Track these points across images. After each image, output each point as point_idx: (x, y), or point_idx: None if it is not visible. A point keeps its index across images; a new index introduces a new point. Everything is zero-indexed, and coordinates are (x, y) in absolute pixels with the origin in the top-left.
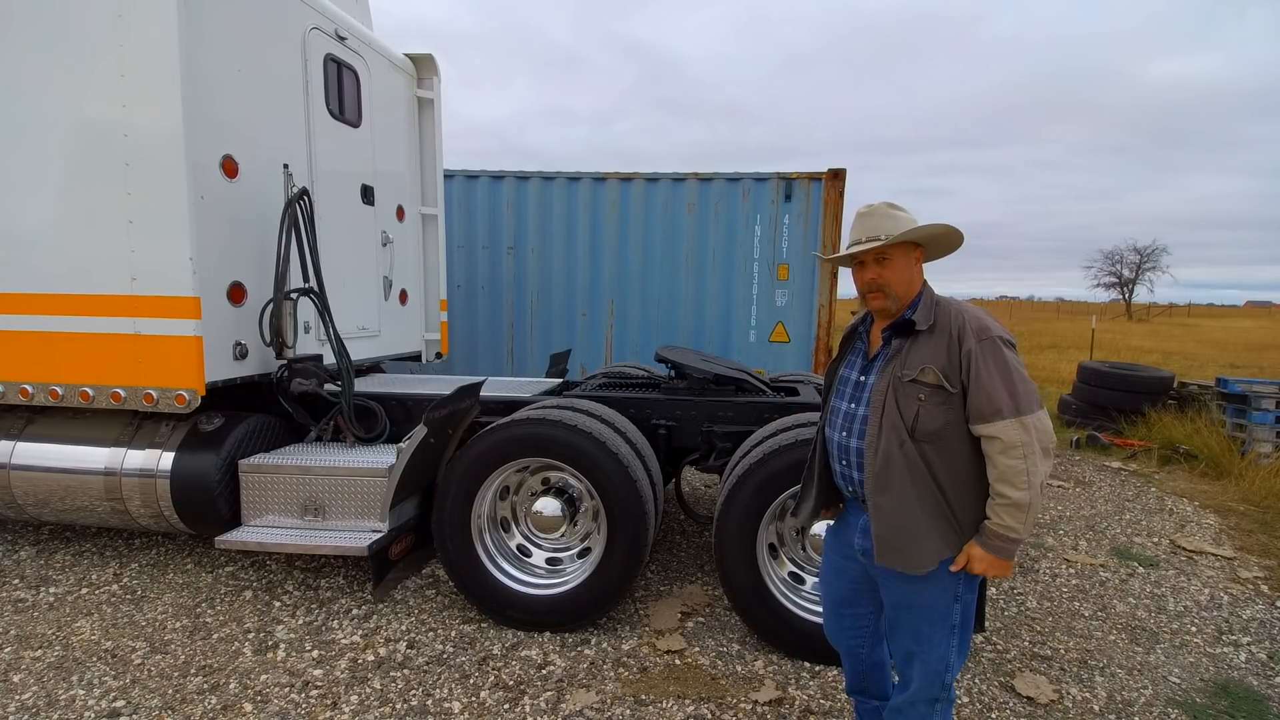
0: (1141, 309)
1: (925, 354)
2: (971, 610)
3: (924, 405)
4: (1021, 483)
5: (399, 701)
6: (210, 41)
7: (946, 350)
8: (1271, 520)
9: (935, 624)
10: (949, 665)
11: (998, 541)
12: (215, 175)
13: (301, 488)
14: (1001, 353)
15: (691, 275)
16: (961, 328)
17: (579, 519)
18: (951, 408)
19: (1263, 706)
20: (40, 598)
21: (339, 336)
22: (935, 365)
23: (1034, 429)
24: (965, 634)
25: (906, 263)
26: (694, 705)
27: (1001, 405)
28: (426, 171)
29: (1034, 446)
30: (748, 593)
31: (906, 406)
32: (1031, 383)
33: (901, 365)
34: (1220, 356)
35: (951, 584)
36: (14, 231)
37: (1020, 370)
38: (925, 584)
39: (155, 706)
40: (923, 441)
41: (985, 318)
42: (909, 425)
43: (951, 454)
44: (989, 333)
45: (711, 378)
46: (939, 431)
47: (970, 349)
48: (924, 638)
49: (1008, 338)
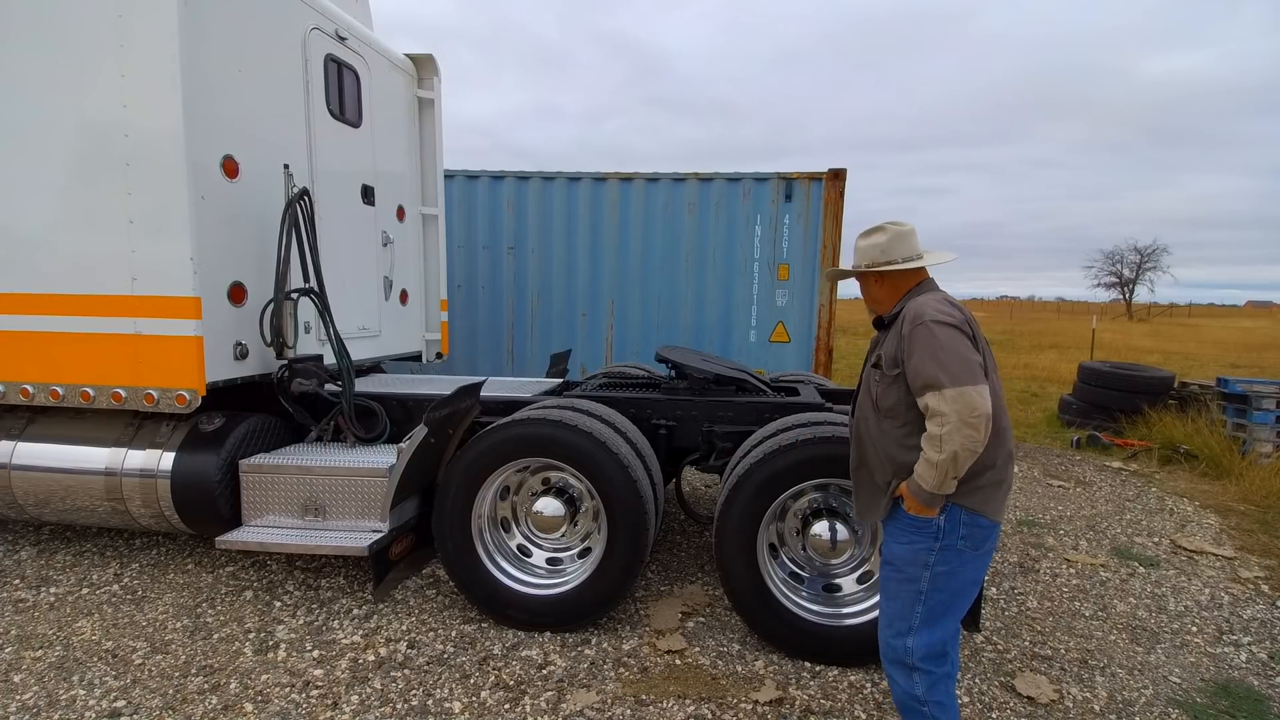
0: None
1: (887, 343)
2: (943, 593)
3: (879, 385)
4: (935, 446)
5: (399, 701)
6: (211, 42)
7: (896, 338)
8: (1272, 520)
9: (903, 583)
10: (911, 629)
11: (914, 485)
12: (216, 175)
13: (302, 488)
14: (930, 334)
15: (692, 275)
16: (903, 317)
17: (579, 519)
18: (899, 386)
19: (1263, 706)
20: (41, 598)
21: (339, 336)
22: (887, 352)
23: (954, 401)
24: (935, 609)
25: (869, 285)
26: (694, 705)
27: (928, 379)
28: (427, 171)
29: (951, 418)
30: (748, 592)
31: (872, 388)
32: (967, 360)
33: (874, 354)
34: (1221, 356)
35: (923, 550)
36: (15, 231)
37: (951, 348)
38: (901, 543)
39: (156, 706)
40: (886, 417)
41: (928, 305)
42: (875, 403)
43: (905, 424)
44: (922, 318)
45: (712, 378)
46: (893, 407)
47: (905, 333)
48: (891, 594)
49: (944, 319)
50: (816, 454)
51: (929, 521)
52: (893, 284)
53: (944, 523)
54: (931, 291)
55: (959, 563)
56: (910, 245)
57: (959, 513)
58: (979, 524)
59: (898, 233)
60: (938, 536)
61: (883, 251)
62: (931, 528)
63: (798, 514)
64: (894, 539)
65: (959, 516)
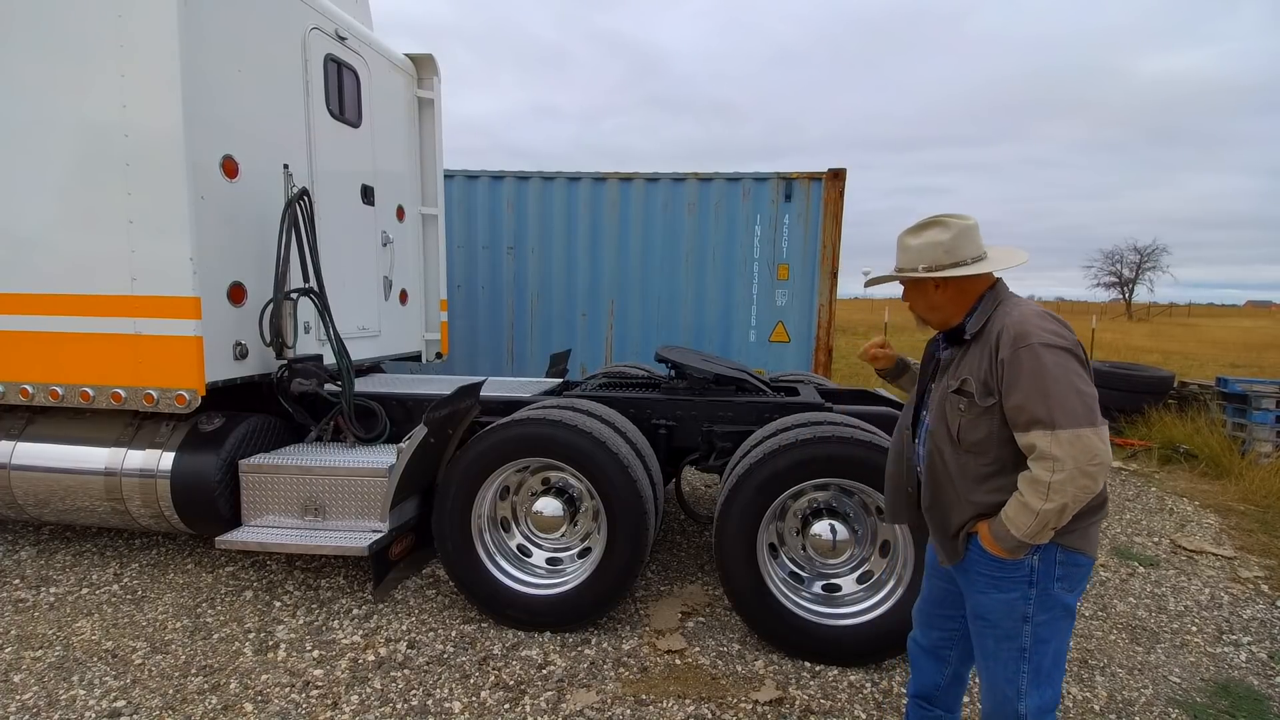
0: (1142, 309)
1: (969, 363)
2: (1051, 642)
3: (964, 416)
4: (1041, 493)
5: (399, 701)
6: (210, 42)
7: (987, 358)
8: (1272, 520)
9: (1001, 641)
10: (1020, 691)
11: (999, 529)
12: (215, 175)
13: (302, 488)
14: (1039, 361)
15: (691, 275)
16: (1000, 335)
17: (579, 519)
18: (992, 417)
19: (1263, 706)
20: (41, 598)
21: (339, 336)
22: (975, 375)
23: (1070, 445)
24: (1042, 664)
25: (919, 293)
26: (694, 705)
27: (1037, 415)
28: (426, 171)
29: (1066, 464)
30: (748, 592)
31: (952, 417)
32: (1084, 395)
33: (952, 374)
34: (1220, 356)
35: (1019, 600)
36: (15, 232)
37: (1066, 380)
38: (988, 594)
39: (156, 706)
40: (968, 452)
41: (1031, 322)
42: (954, 435)
43: (992, 462)
44: (1028, 339)
45: (712, 377)
46: (981, 442)
47: (1004, 358)
48: (988, 653)
49: (1055, 342)
50: (816, 454)
51: (1018, 564)
52: (959, 289)
53: (1038, 564)
54: (1020, 301)
55: (1061, 608)
56: (977, 243)
57: (1055, 551)
58: (1078, 562)
59: (963, 228)
60: (1032, 581)
61: (947, 252)
62: (1023, 571)
63: (798, 514)
64: (977, 589)
65: (1054, 555)
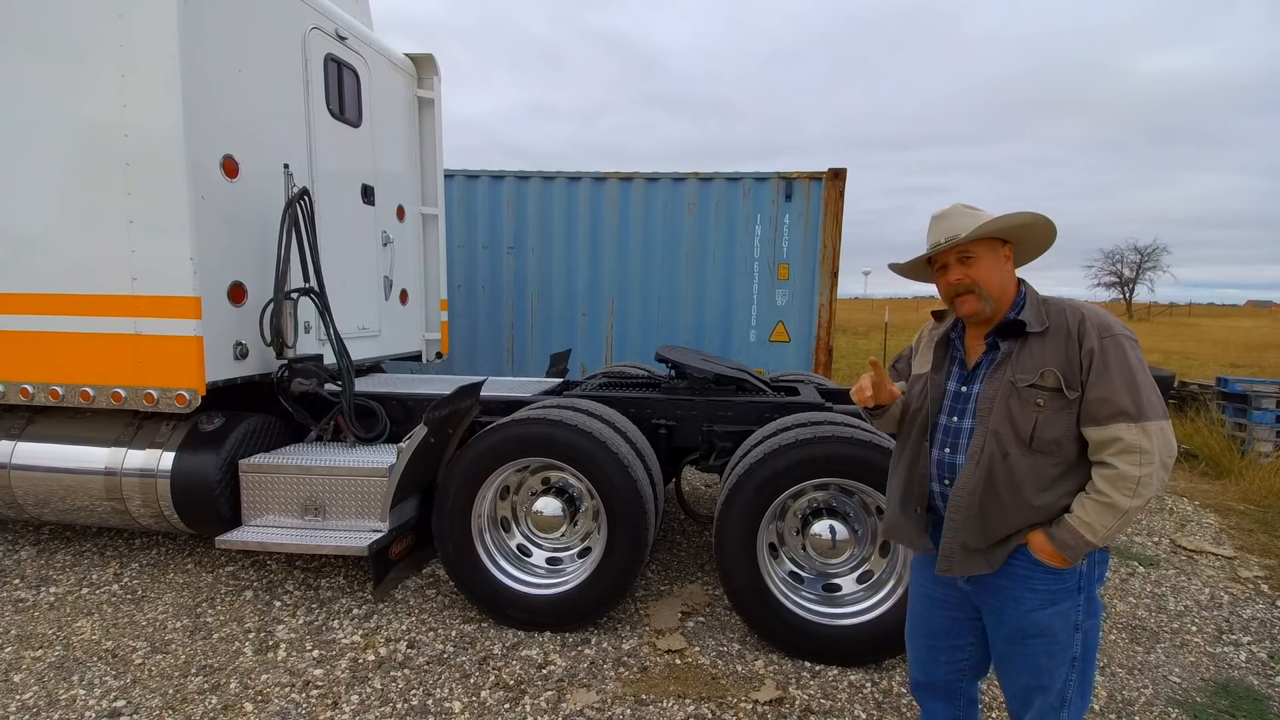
0: (1142, 308)
1: (1042, 356)
2: (1094, 641)
3: (1043, 412)
4: (1129, 490)
5: (399, 701)
6: (210, 41)
7: (1065, 350)
8: (1272, 519)
9: (1055, 656)
10: (1065, 701)
11: (1068, 537)
12: (215, 175)
13: (302, 488)
14: (1125, 352)
15: (691, 275)
16: (1081, 324)
17: (579, 519)
18: (1071, 412)
19: (1263, 706)
20: (41, 597)
21: (339, 336)
22: (1055, 367)
23: (1157, 437)
24: (1087, 670)
25: (995, 260)
26: (694, 705)
27: (1124, 407)
28: (427, 171)
29: (1154, 456)
30: (748, 592)
31: (1023, 414)
32: (1157, 387)
33: (1015, 370)
34: (1221, 356)
35: (1071, 609)
36: (15, 231)
37: (1145, 371)
38: (1043, 610)
39: (156, 706)
40: (1039, 451)
41: (1106, 314)
42: (1025, 435)
43: (1060, 463)
44: (1111, 330)
45: (712, 377)
46: (1058, 439)
47: (1092, 347)
48: (1040, 670)
49: (1132, 336)
50: (816, 453)
51: (1070, 572)
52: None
53: (1085, 568)
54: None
55: (1100, 608)
56: None
57: (1096, 552)
58: (1107, 559)
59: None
60: (1080, 587)
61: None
62: (1073, 578)
63: (798, 513)
64: (1028, 606)
65: (1093, 556)
